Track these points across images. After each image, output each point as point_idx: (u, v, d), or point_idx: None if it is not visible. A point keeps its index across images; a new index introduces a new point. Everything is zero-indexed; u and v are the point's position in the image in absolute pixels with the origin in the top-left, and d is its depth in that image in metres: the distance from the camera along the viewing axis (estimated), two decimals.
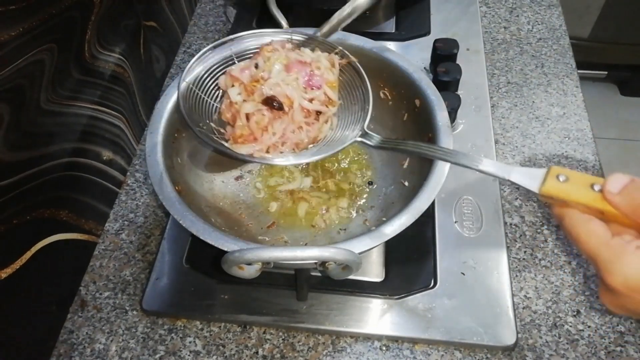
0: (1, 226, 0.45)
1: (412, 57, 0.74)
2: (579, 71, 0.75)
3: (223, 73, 0.51)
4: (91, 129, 0.58)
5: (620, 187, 0.32)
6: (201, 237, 0.43)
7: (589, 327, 0.52)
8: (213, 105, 0.51)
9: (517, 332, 0.50)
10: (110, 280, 0.57)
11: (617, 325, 0.52)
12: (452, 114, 0.65)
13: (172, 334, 0.52)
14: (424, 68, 0.73)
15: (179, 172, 0.51)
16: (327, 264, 0.40)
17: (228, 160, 0.59)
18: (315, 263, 0.42)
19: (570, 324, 0.52)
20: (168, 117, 0.51)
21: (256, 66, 0.48)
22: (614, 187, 0.33)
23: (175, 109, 0.51)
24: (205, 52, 0.51)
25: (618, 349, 0.50)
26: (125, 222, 0.61)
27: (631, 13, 1.45)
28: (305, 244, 0.54)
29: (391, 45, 0.77)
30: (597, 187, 0.33)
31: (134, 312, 0.54)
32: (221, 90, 0.51)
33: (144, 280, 0.56)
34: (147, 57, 0.71)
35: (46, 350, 0.52)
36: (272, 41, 0.51)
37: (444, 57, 0.70)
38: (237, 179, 0.59)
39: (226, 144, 0.48)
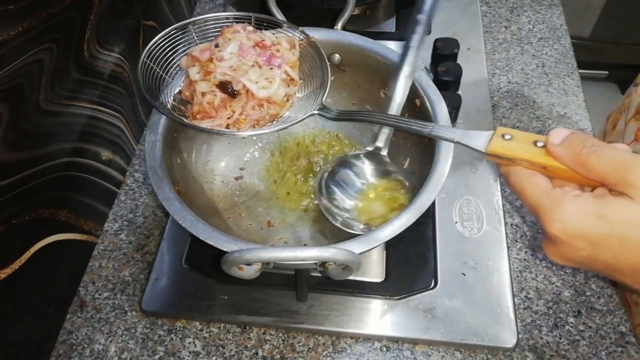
0: (0, 226, 0.45)
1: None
2: (580, 71, 0.75)
3: (185, 54, 0.51)
4: (90, 128, 0.58)
5: (562, 139, 0.34)
6: (201, 238, 0.42)
7: (590, 327, 0.51)
8: (173, 83, 0.52)
9: (518, 333, 0.50)
10: (110, 281, 0.56)
11: (618, 326, 0.51)
12: (453, 114, 0.65)
13: (172, 335, 0.52)
14: (425, 68, 0.73)
15: (178, 172, 0.51)
16: (327, 264, 0.40)
17: (228, 159, 0.59)
18: (315, 263, 0.41)
19: (571, 325, 0.52)
20: None
21: (216, 46, 0.49)
22: (555, 139, 0.34)
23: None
24: (170, 31, 0.51)
25: (619, 349, 0.50)
26: (125, 223, 0.61)
27: (632, 12, 1.45)
28: (305, 244, 0.54)
29: (392, 44, 0.76)
30: (540, 144, 0.35)
31: (133, 313, 0.54)
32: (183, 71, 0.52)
33: (143, 281, 0.56)
34: None
35: (45, 351, 0.52)
36: (234, 23, 0.51)
37: (445, 56, 0.70)
38: (236, 178, 0.59)
39: (186, 120, 0.48)
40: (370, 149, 0.51)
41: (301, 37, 0.52)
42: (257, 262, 0.39)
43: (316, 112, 0.49)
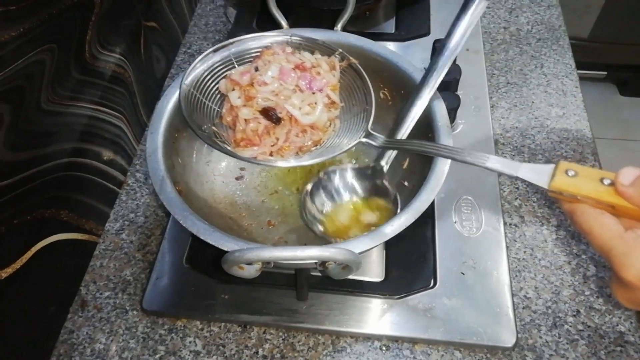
0: (2, 226, 0.45)
1: (412, 57, 0.74)
2: (579, 71, 0.75)
3: (224, 77, 0.51)
4: (92, 129, 0.58)
5: (633, 179, 0.32)
6: (201, 237, 0.43)
7: (589, 327, 0.52)
8: (214, 108, 0.51)
9: (517, 332, 0.50)
10: (111, 280, 0.57)
11: (617, 325, 0.52)
12: (452, 114, 0.65)
13: (172, 334, 0.52)
14: (424, 68, 0.73)
15: (179, 172, 0.51)
16: (327, 263, 0.40)
17: (228, 159, 0.60)
18: (315, 263, 0.42)
19: (570, 324, 0.52)
20: (169, 117, 0.51)
21: (256, 69, 0.48)
22: (626, 179, 0.32)
23: (177, 110, 0.52)
24: (207, 54, 0.51)
25: (618, 349, 0.50)
26: (126, 222, 0.61)
27: (631, 13, 1.45)
28: (305, 244, 0.54)
29: (391, 45, 0.77)
30: (607, 181, 0.33)
31: (134, 312, 0.54)
32: (222, 94, 0.51)
33: (144, 280, 0.56)
34: (148, 58, 0.71)
35: (46, 350, 0.52)
36: (273, 44, 0.51)
37: None
38: (237, 179, 0.59)
39: (229, 148, 0.47)
40: (372, 164, 0.51)
41: (340, 57, 0.51)
42: (257, 261, 0.39)
43: (363, 139, 0.47)
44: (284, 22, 0.58)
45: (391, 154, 0.51)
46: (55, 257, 0.53)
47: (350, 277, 0.43)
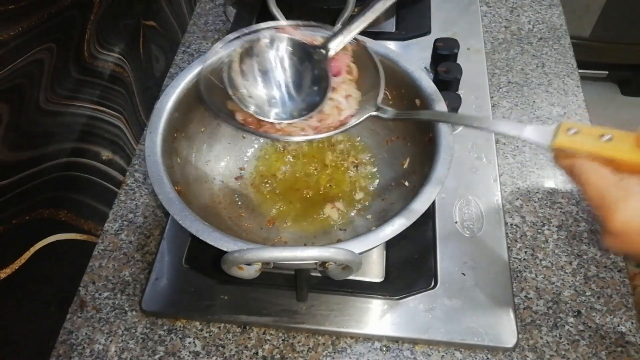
0: (0, 226, 0.45)
1: (412, 56, 0.74)
2: (580, 71, 0.75)
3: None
4: (90, 128, 0.58)
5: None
6: (201, 237, 0.42)
7: (590, 327, 0.51)
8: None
9: (518, 333, 0.50)
10: (110, 281, 0.56)
11: (618, 326, 0.51)
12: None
13: (172, 335, 0.52)
14: (425, 68, 0.73)
15: (178, 172, 0.51)
16: (327, 264, 0.40)
17: (228, 159, 0.60)
18: (315, 263, 0.41)
19: (571, 325, 0.52)
20: (168, 116, 0.51)
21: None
22: None
23: (176, 109, 0.52)
24: (231, 40, 0.52)
25: (619, 349, 0.50)
26: (125, 222, 0.61)
27: (632, 12, 1.45)
28: (305, 244, 0.54)
29: (391, 44, 0.76)
30: (606, 137, 0.35)
31: (134, 313, 0.54)
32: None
33: (143, 281, 0.56)
34: (147, 57, 0.71)
35: (45, 351, 0.52)
36: (285, 27, 0.52)
37: (445, 56, 0.70)
38: (236, 178, 0.59)
39: (252, 127, 0.48)
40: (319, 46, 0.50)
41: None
42: (257, 261, 0.39)
43: (373, 113, 0.48)
44: (283, 22, 0.58)
45: (343, 39, 0.50)
46: (54, 257, 0.52)
47: (351, 277, 0.43)
